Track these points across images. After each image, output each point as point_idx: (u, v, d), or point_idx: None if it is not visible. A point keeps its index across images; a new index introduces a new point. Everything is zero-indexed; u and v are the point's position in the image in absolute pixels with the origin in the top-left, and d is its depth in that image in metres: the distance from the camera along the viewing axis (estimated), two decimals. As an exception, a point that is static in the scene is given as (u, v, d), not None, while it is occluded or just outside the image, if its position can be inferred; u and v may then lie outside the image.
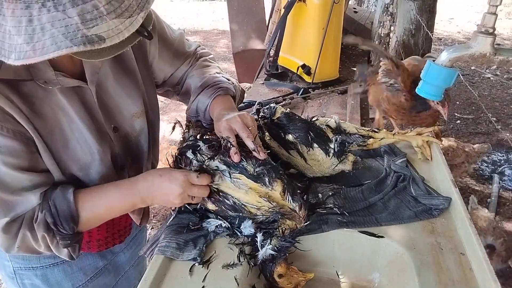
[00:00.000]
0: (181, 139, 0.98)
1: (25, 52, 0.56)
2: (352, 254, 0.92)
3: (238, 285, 0.78)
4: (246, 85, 3.60)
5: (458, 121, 4.00)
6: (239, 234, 0.89)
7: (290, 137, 1.02)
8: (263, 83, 2.39)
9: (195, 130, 0.99)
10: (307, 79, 2.28)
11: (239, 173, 0.86)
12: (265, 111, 1.07)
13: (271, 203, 0.85)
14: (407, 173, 1.05)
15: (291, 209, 0.86)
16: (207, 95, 1.00)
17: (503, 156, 3.44)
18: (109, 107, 0.90)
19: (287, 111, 1.06)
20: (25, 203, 0.79)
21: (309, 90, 2.20)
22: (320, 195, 1.01)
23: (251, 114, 1.02)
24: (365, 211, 0.96)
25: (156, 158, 1.11)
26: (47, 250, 0.83)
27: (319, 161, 1.03)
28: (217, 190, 0.88)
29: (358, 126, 1.10)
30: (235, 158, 0.85)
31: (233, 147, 0.85)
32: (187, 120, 1.05)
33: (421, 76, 0.93)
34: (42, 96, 0.78)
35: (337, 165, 1.04)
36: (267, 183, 0.85)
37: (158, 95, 1.11)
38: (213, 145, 0.89)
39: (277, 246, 0.84)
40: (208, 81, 1.03)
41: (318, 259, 0.94)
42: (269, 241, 0.84)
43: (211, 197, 0.88)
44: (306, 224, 0.88)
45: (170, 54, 1.05)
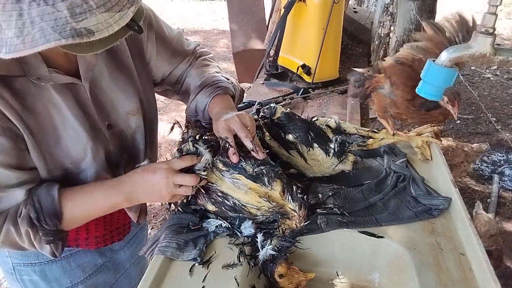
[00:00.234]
0: (180, 140, 0.98)
1: (15, 45, 0.56)
2: (352, 254, 0.92)
3: (238, 285, 0.78)
4: (246, 85, 3.60)
5: (458, 121, 3.99)
6: (239, 234, 0.89)
7: (290, 137, 1.02)
8: (263, 83, 2.39)
9: (194, 130, 0.99)
10: (307, 79, 2.28)
11: (238, 174, 0.85)
12: (265, 111, 1.07)
13: (271, 203, 0.85)
14: (407, 173, 1.05)
15: (291, 209, 0.86)
16: (206, 94, 1.00)
17: (503, 156, 3.44)
18: (103, 104, 0.90)
19: (287, 111, 1.05)
20: (10, 198, 0.79)
21: (309, 90, 2.20)
22: (320, 195, 1.01)
23: (251, 114, 1.02)
24: (365, 211, 0.96)
25: (154, 156, 1.11)
26: (30, 245, 0.82)
27: (319, 161, 1.03)
28: (217, 190, 0.87)
29: (358, 126, 1.10)
30: (234, 158, 0.85)
31: (232, 147, 0.85)
32: (187, 120, 1.05)
33: (421, 76, 0.93)
34: (34, 92, 0.78)
35: (337, 165, 1.04)
36: (267, 183, 0.85)
37: (157, 94, 1.11)
38: (212, 146, 0.89)
39: (278, 246, 0.84)
40: (207, 80, 1.03)
41: (318, 259, 0.94)
42: (269, 241, 0.84)
43: (211, 198, 0.88)
44: (306, 224, 0.88)
45: (168, 52, 1.04)
